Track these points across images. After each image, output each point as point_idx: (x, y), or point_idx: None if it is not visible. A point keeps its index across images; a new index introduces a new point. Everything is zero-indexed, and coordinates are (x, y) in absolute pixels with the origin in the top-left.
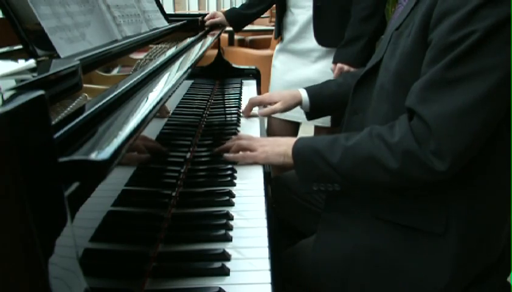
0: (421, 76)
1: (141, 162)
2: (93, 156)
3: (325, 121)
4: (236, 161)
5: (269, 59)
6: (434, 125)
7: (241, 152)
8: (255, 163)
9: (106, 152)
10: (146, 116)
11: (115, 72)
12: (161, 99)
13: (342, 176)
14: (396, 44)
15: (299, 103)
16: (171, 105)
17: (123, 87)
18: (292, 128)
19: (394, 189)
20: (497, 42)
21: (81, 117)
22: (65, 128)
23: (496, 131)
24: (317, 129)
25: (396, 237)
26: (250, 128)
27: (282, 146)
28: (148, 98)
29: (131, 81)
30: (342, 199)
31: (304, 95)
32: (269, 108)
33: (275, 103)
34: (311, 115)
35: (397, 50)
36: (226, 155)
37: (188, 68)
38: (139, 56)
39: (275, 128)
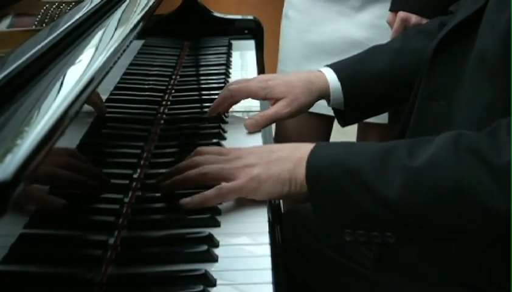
0: None
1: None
2: None
3: None
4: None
5: (276, 3)
6: None
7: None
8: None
9: (3, 170)
10: (67, 109)
11: (4, 25)
12: (92, 78)
13: (402, 220)
14: None
15: (322, 96)
16: (107, 86)
17: (25, 58)
18: (320, 125)
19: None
20: None
21: None
22: None
23: None
24: (364, 127)
25: None
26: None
27: (285, 162)
28: (66, 75)
29: (39, 47)
30: (400, 251)
31: (331, 78)
32: (265, 114)
33: (277, 99)
34: (346, 117)
35: None
36: (182, 202)
37: (138, 22)
38: None
39: (289, 127)
